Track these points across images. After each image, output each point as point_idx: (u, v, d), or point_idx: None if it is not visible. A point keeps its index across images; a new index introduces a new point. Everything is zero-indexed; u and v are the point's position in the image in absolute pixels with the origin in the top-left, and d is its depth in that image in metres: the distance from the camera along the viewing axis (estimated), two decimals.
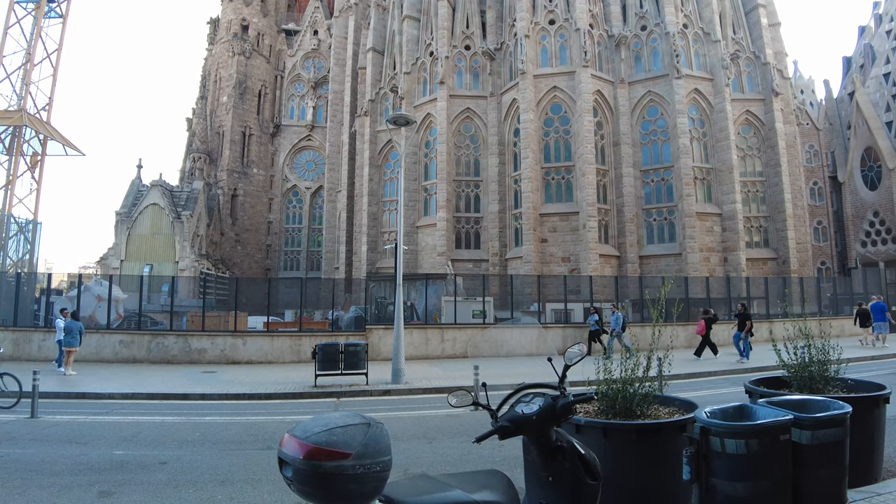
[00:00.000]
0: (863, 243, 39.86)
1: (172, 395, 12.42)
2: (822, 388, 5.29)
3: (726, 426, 3.70)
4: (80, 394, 12.56)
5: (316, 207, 50.21)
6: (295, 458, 1.99)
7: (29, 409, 9.91)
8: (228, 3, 51.00)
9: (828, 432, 3.97)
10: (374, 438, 2.07)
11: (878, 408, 4.88)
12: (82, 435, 8.60)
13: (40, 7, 35.92)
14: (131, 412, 10.45)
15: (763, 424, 3.73)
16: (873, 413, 4.83)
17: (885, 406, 4.93)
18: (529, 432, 2.65)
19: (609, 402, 4.24)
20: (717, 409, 3.97)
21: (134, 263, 37.04)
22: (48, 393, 11.61)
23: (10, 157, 34.86)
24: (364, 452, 2.02)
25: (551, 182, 32.12)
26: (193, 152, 47.24)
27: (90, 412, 10.33)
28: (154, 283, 28.27)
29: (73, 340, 15.49)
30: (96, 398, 12.13)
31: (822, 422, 4.00)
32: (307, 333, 20.01)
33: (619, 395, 4.21)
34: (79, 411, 10.47)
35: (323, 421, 2.09)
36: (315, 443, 1.99)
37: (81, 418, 9.91)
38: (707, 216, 30.90)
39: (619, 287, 24.68)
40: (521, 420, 2.63)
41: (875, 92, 41.52)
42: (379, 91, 39.12)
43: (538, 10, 33.08)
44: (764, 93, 33.05)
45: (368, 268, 35.91)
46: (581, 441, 2.83)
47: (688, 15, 32.79)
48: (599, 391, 4.25)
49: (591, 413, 4.29)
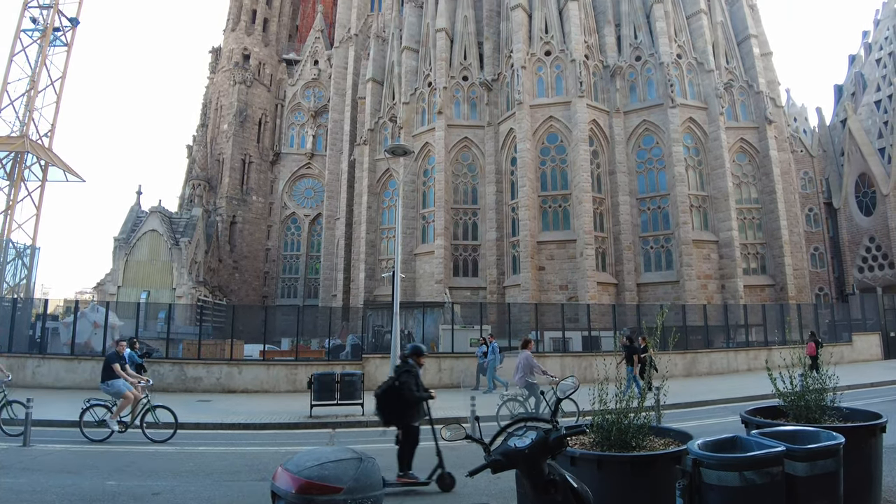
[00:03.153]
0: (860, 269, 39.98)
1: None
2: (818, 418, 5.27)
3: (718, 458, 3.70)
4: (73, 422, 12.40)
5: (314, 235, 50.34)
6: (287, 491, 2.01)
7: (34, 438, 9.80)
8: (230, 33, 51.98)
9: (821, 464, 3.96)
10: (365, 473, 2.10)
11: (873, 437, 4.83)
12: (75, 464, 8.50)
13: (46, 36, 36.52)
14: (124, 441, 10.33)
15: (755, 456, 3.73)
16: (869, 443, 4.79)
17: (881, 435, 4.88)
18: (522, 466, 2.67)
19: (604, 433, 4.23)
20: (710, 440, 3.97)
21: (131, 290, 36.96)
22: (41, 420, 11.48)
23: (10, 182, 35.05)
24: (355, 487, 2.04)
25: (548, 210, 32.34)
26: (193, 179, 47.57)
27: (83, 441, 10.21)
28: (151, 310, 28.20)
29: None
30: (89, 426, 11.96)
31: (814, 453, 3.99)
32: (303, 362, 19.88)
33: (613, 427, 4.21)
34: (72, 440, 10.35)
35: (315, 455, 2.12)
36: (307, 477, 2.02)
37: (74, 447, 9.80)
38: (704, 243, 31.05)
39: (617, 315, 24.63)
40: (513, 454, 2.65)
41: (867, 119, 42.18)
42: (378, 120, 39.65)
43: (534, 42, 33.77)
44: (758, 121, 33.56)
45: (366, 295, 35.86)
46: (576, 473, 2.84)
47: (681, 45, 33.47)
48: (594, 422, 4.26)
49: (587, 445, 4.29)
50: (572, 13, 33.07)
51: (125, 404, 10.37)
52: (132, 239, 38.41)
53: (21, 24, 36.34)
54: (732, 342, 24.91)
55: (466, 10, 36.90)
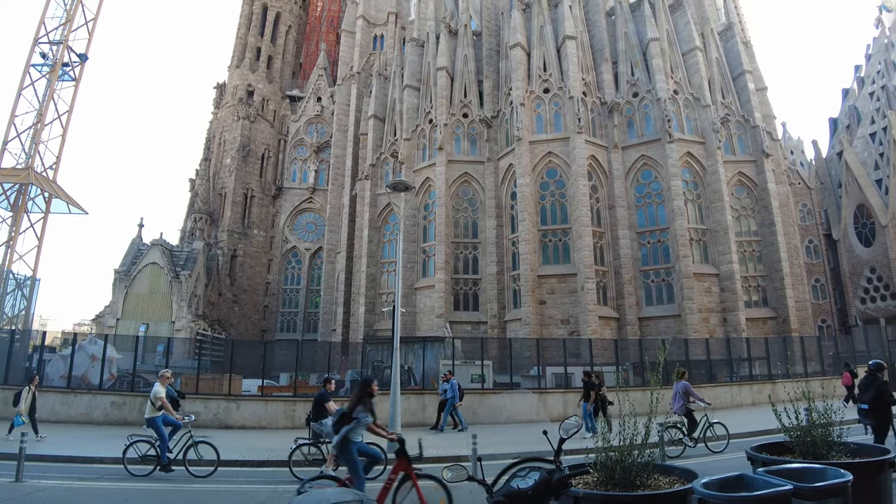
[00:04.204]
0: (862, 300, 39.89)
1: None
2: (825, 454, 5.18)
3: (724, 497, 3.63)
4: (68, 457, 12.19)
5: (315, 268, 50.36)
6: None
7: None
8: (235, 70, 53.09)
9: (830, 502, 3.89)
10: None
11: (882, 473, 4.75)
12: (67, 501, 8.33)
13: (54, 71, 37.24)
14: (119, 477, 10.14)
15: (762, 496, 3.66)
16: (878, 479, 4.70)
17: (890, 471, 4.81)
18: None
19: (608, 472, 4.16)
20: (716, 479, 3.90)
21: (130, 322, 36.81)
22: (34, 455, 11.28)
23: (13, 213, 35.24)
24: None
25: (548, 244, 32.44)
26: (195, 212, 47.88)
27: (77, 476, 10.02)
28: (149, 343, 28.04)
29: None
30: (85, 462, 11.77)
31: (822, 491, 3.92)
32: (302, 398, 19.63)
33: (617, 466, 4.15)
34: (66, 475, 10.16)
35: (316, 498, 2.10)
36: None
37: (67, 483, 9.62)
38: (705, 277, 31.02)
39: (619, 350, 24.42)
40: (516, 495, 2.62)
41: (863, 151, 42.75)
42: (380, 156, 40.15)
43: (533, 80, 34.46)
44: (755, 154, 33.93)
45: (366, 330, 35.66)
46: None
47: (678, 81, 34.10)
48: (597, 461, 4.19)
49: (591, 484, 4.21)
50: (570, 51, 33.84)
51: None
52: (133, 271, 38.46)
53: (31, 59, 37.13)
54: (736, 376, 24.65)
55: (466, 49, 37.79)
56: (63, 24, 38.23)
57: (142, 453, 10.30)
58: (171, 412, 10.58)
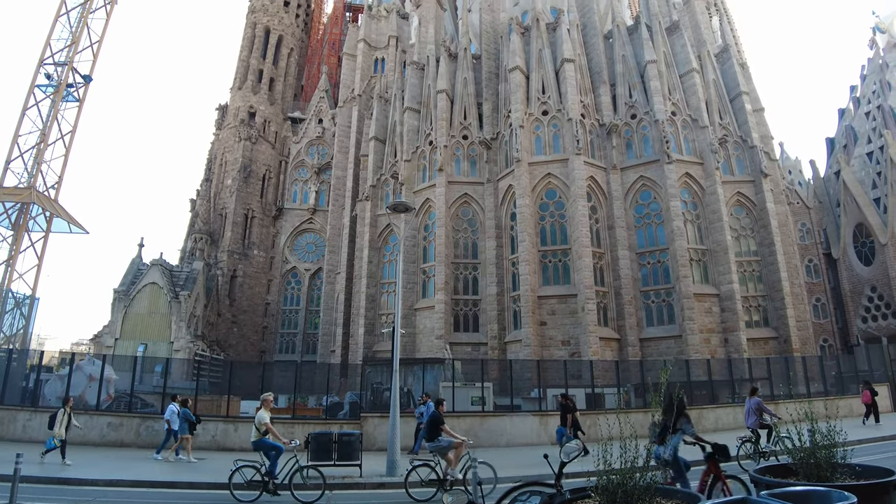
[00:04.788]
0: (863, 319, 39.83)
1: (159, 483, 11.93)
2: (829, 476, 5.13)
3: None
4: (61, 479, 12.05)
5: (314, 289, 50.27)
6: None
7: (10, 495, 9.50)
8: (237, 92, 53.65)
9: None
10: None
11: (887, 494, 4.70)
12: None
13: (59, 92, 37.66)
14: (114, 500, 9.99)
15: None
16: (882, 501, 4.66)
17: (894, 493, 4.77)
18: None
19: (609, 496, 4.12)
20: (718, 502, 3.86)
21: (128, 342, 36.61)
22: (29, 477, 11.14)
23: (14, 232, 35.30)
24: None
25: (548, 265, 32.44)
26: (195, 233, 47.96)
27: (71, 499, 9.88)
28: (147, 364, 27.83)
29: (185, 427, 15.65)
30: (79, 484, 11.65)
31: None
32: (300, 420, 19.49)
33: (619, 489, 4.10)
34: (59, 498, 10.02)
35: None
36: None
37: None
38: (705, 297, 30.94)
39: (620, 371, 24.28)
40: None
41: (860, 170, 43.08)
42: (380, 177, 40.37)
43: (532, 102, 34.83)
44: (753, 174, 34.10)
45: (365, 351, 35.48)
46: None
47: (675, 103, 34.43)
48: (599, 484, 4.15)
49: None
50: (568, 74, 34.26)
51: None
52: (132, 291, 38.38)
53: (36, 80, 37.58)
54: (738, 397, 24.46)
55: (466, 72, 38.27)
56: (68, 45, 38.82)
57: (247, 478, 10.23)
58: (277, 437, 10.59)
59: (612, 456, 4.26)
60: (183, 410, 15.73)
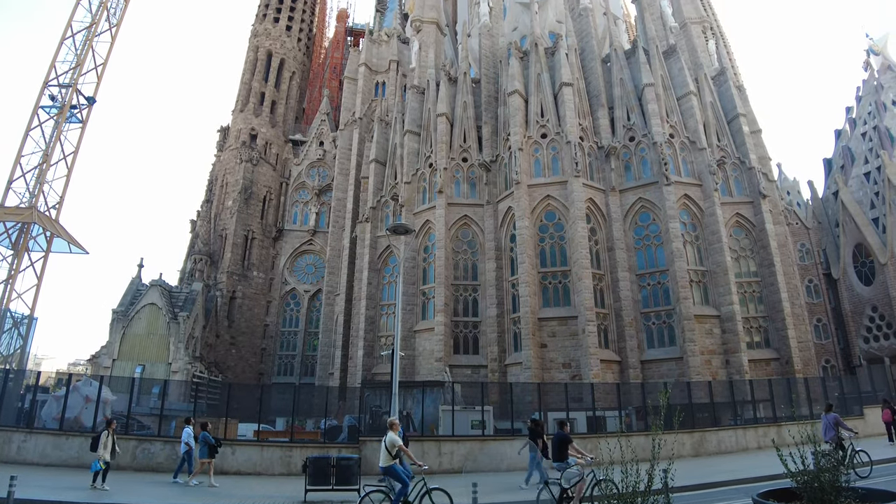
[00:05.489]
0: (865, 339, 39.70)
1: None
2: (833, 500, 5.07)
3: None
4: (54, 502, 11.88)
5: (313, 311, 50.13)
6: None
7: None
8: (239, 114, 54.21)
9: None
10: None
11: None
12: None
13: (62, 113, 38.05)
14: None
15: None
16: None
17: None
18: None
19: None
20: None
21: (126, 363, 36.41)
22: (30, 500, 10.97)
23: (14, 252, 35.31)
24: None
25: (548, 286, 32.38)
26: (195, 254, 48.00)
27: None
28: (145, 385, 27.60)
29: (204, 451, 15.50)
30: None
31: None
32: (298, 444, 19.26)
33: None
34: None
35: None
36: None
37: None
38: (706, 318, 30.82)
39: (622, 394, 24.08)
40: None
41: (858, 190, 43.34)
42: (380, 199, 40.55)
43: (531, 125, 35.15)
44: (752, 195, 34.24)
45: (364, 373, 35.23)
46: None
47: (673, 125, 34.74)
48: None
49: None
50: (567, 98, 34.65)
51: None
52: (131, 312, 38.29)
53: (40, 101, 38.00)
54: (740, 419, 24.26)
55: (466, 96, 38.71)
56: (73, 67, 39.35)
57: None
58: (411, 458, 10.44)
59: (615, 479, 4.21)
60: (202, 434, 15.59)
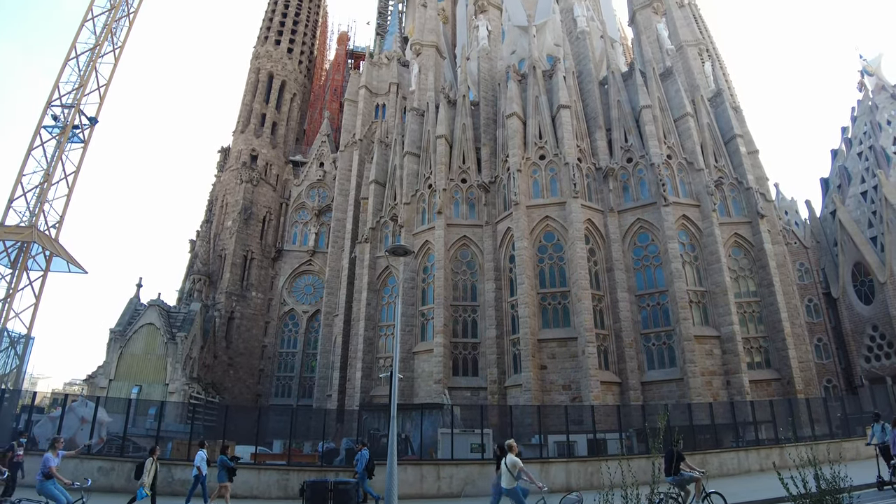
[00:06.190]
0: (866, 358, 39.52)
1: None
2: None
3: None
4: None
5: (312, 332, 49.92)
6: None
7: None
8: (240, 135, 54.64)
9: None
10: None
11: None
12: None
13: (65, 133, 38.35)
14: None
15: None
16: None
17: None
18: None
19: None
20: None
21: (123, 383, 36.14)
22: None
23: (13, 271, 35.25)
24: None
25: (548, 307, 32.28)
26: (194, 274, 47.95)
27: None
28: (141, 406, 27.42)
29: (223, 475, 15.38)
30: None
31: None
32: (296, 467, 19.04)
33: None
34: None
35: None
36: None
37: None
38: (706, 339, 30.68)
39: (622, 416, 23.89)
40: None
41: (855, 209, 43.52)
42: (380, 219, 40.68)
43: (529, 147, 35.43)
44: (750, 215, 34.33)
45: (362, 396, 34.93)
46: None
47: (671, 147, 34.99)
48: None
49: None
50: (564, 120, 34.99)
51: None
52: (128, 331, 38.11)
53: (42, 121, 38.33)
54: (742, 441, 24.02)
55: (465, 118, 39.10)
56: (76, 88, 39.80)
57: None
58: (531, 479, 10.33)
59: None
60: (221, 458, 15.41)
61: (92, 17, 41.65)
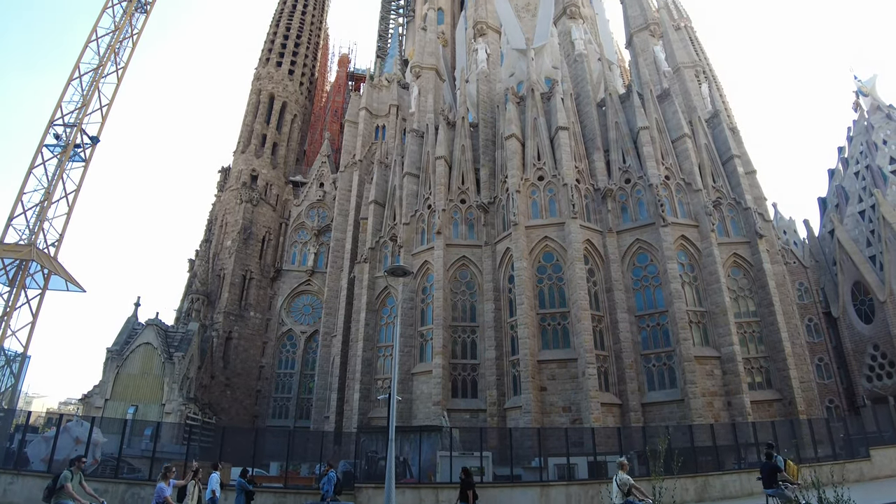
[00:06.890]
0: (868, 378, 39.32)
1: None
2: None
3: None
4: None
5: (310, 352, 49.64)
6: None
7: None
8: (240, 155, 54.97)
9: None
10: None
11: None
12: None
13: (66, 152, 38.60)
14: None
15: None
16: None
17: None
18: None
19: None
20: None
21: (119, 403, 35.80)
22: None
23: (11, 289, 35.18)
24: None
25: (548, 328, 32.15)
26: (192, 293, 47.80)
27: None
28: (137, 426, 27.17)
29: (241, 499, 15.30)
30: None
31: None
32: (292, 490, 18.80)
33: None
34: None
35: None
36: None
37: None
38: (706, 360, 30.49)
39: (623, 438, 23.67)
40: None
41: (854, 229, 43.66)
42: (379, 240, 40.74)
43: (528, 168, 35.66)
44: (749, 235, 34.36)
45: (360, 417, 34.60)
46: None
47: (669, 167, 35.17)
48: None
49: None
50: (563, 141, 35.27)
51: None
52: (126, 351, 37.86)
53: (44, 140, 38.61)
54: (744, 462, 23.74)
55: (464, 139, 39.42)
56: (79, 108, 40.19)
57: None
58: (644, 495, 10.04)
59: None
60: (238, 481, 15.25)
61: (96, 38, 42.28)
